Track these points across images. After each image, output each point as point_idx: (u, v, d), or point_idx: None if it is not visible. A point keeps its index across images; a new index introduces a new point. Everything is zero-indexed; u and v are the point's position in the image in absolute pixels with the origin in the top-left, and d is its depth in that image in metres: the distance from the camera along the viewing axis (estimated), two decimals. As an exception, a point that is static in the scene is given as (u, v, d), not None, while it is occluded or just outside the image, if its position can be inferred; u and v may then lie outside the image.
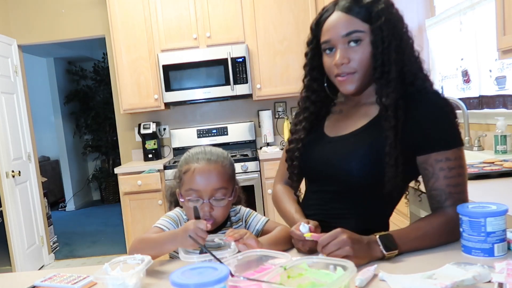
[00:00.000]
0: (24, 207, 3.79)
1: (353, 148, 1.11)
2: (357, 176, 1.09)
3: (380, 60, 1.06)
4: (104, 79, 6.62)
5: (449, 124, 1.06)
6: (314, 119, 1.23)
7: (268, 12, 3.64)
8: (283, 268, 0.86)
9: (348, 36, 1.07)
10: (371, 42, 1.06)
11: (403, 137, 1.06)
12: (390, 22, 1.06)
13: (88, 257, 4.26)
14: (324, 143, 1.19)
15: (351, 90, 1.11)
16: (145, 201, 3.45)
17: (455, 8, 2.70)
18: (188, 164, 1.22)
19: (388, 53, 1.05)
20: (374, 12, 1.06)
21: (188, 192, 1.20)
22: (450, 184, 1.05)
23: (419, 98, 1.07)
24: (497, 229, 0.94)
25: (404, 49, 1.08)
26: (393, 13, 1.09)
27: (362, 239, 0.98)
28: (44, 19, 4.02)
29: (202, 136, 3.97)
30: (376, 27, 1.05)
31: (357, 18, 1.07)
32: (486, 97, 2.49)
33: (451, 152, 1.05)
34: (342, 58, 1.07)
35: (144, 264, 0.99)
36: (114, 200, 6.66)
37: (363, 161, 1.07)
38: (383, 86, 1.07)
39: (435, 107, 1.06)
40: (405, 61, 1.07)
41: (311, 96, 1.22)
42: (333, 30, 1.09)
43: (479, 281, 0.82)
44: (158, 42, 3.67)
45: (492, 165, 1.89)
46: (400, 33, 1.08)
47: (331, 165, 1.14)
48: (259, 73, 3.68)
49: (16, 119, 3.85)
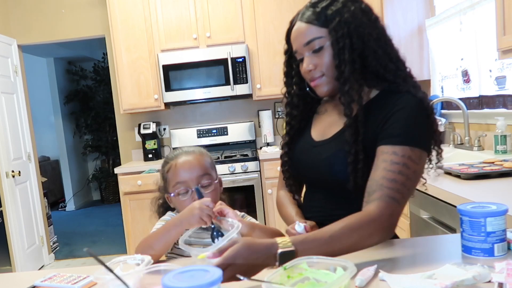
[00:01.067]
0: (24, 207, 3.79)
1: (334, 151, 1.11)
2: (343, 179, 1.08)
3: (337, 60, 1.07)
4: (104, 79, 6.62)
5: (410, 122, 1.01)
6: (299, 123, 1.26)
7: (268, 12, 3.64)
8: (283, 268, 0.86)
9: (309, 44, 1.10)
10: (331, 43, 1.08)
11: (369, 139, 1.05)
12: (346, 22, 1.06)
13: (88, 257, 4.26)
14: (310, 147, 1.20)
15: (324, 92, 1.14)
16: (145, 201, 3.43)
17: (455, 8, 2.70)
18: (169, 163, 1.30)
19: (343, 53, 1.06)
20: (329, 15, 1.07)
21: (176, 186, 1.26)
22: (386, 177, 0.97)
23: (390, 99, 1.06)
24: (497, 229, 0.94)
25: (364, 45, 1.06)
26: (350, 10, 1.07)
27: (257, 258, 0.88)
28: (44, 19, 4.02)
29: (202, 136, 3.97)
30: (331, 30, 1.07)
31: (314, 26, 1.09)
32: (486, 97, 2.49)
33: (401, 148, 0.99)
34: (308, 65, 1.12)
35: (144, 264, 0.99)
36: (114, 200, 6.67)
37: (345, 163, 1.07)
38: (341, 86, 1.08)
39: (402, 106, 1.03)
40: (366, 57, 1.06)
41: (293, 100, 1.25)
42: (296, 41, 1.14)
43: (479, 281, 0.82)
44: (158, 42, 3.67)
45: (492, 165, 1.89)
46: (358, 30, 1.06)
47: (317, 170, 1.16)
48: (259, 73, 3.68)
49: (16, 119, 3.85)
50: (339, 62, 1.07)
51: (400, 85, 1.07)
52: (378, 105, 1.08)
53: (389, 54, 1.08)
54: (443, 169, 1.94)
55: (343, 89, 1.08)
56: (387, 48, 1.09)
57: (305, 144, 1.22)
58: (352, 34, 1.06)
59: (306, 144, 1.22)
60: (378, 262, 0.98)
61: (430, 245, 1.14)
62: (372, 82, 1.10)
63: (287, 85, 1.27)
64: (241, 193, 3.41)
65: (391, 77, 1.08)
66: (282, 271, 0.86)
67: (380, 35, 1.09)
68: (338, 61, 1.07)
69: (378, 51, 1.07)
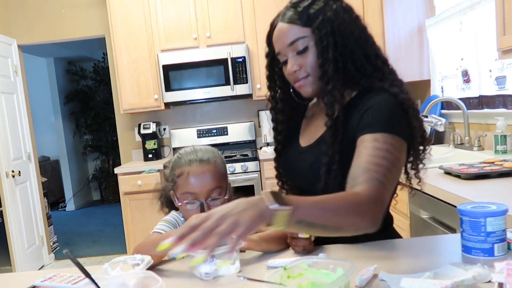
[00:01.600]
0: (24, 207, 3.79)
1: (318, 156, 1.09)
2: (329, 183, 1.06)
3: (321, 59, 1.06)
4: (104, 79, 6.62)
5: (386, 112, 1.01)
6: (287, 129, 1.23)
7: (268, 12, 3.64)
8: (283, 268, 0.86)
9: (293, 45, 1.08)
10: (315, 42, 1.06)
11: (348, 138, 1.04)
12: (329, 20, 1.05)
13: (88, 257, 4.26)
14: (297, 154, 1.19)
15: (310, 93, 1.13)
16: (145, 201, 3.45)
17: (455, 8, 2.70)
18: (181, 168, 1.22)
19: (326, 51, 1.05)
20: (312, 14, 1.06)
21: (184, 195, 1.21)
22: (370, 161, 0.94)
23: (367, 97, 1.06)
24: (497, 229, 0.94)
25: (346, 44, 1.05)
26: (332, 9, 1.06)
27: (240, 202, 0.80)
28: (44, 19, 4.02)
29: (202, 136, 3.97)
30: (314, 29, 1.06)
31: (297, 25, 1.07)
32: (486, 97, 2.49)
33: (381, 135, 0.98)
34: (292, 66, 1.10)
35: (144, 264, 0.99)
36: (114, 200, 6.67)
37: (329, 167, 1.06)
38: (323, 85, 1.07)
39: (376, 100, 1.03)
40: (347, 55, 1.05)
41: (277, 105, 1.22)
42: (279, 42, 1.11)
43: (479, 281, 0.82)
44: (158, 42, 3.67)
45: (492, 165, 1.89)
46: (340, 29, 1.05)
47: (304, 176, 1.15)
48: (259, 73, 3.68)
49: (16, 119, 3.85)
50: (323, 61, 1.06)
51: (375, 84, 1.06)
52: (356, 105, 1.07)
53: (367, 54, 1.08)
54: (443, 168, 1.94)
55: (326, 89, 1.06)
56: (366, 46, 1.08)
57: (293, 151, 1.21)
58: (336, 33, 1.05)
59: (294, 151, 1.20)
60: (378, 262, 0.98)
61: (430, 245, 1.13)
62: (351, 82, 1.09)
63: (270, 89, 1.23)
64: (241, 193, 3.37)
65: (364, 81, 1.07)
66: (283, 271, 0.86)
67: (361, 33, 1.08)
68: (322, 60, 1.06)
69: (356, 52, 1.06)
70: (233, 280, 0.98)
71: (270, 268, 1.03)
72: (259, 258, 1.11)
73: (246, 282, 0.96)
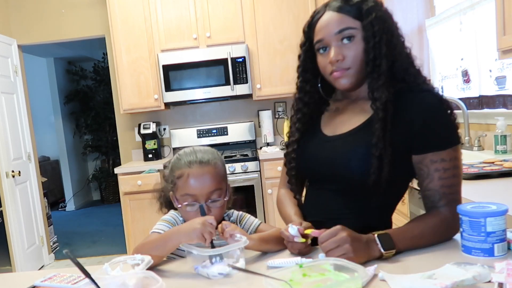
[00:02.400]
0: (24, 207, 3.79)
1: (352, 147, 1.11)
2: (357, 176, 1.08)
3: (372, 54, 1.07)
4: (104, 79, 6.62)
5: (444, 123, 1.07)
6: (308, 120, 1.24)
7: (268, 12, 3.64)
8: (298, 266, 0.85)
9: (341, 33, 1.09)
10: (363, 38, 1.08)
11: (396, 137, 1.06)
12: (381, 18, 1.08)
13: (88, 257, 4.26)
14: (322, 142, 1.19)
15: (347, 85, 1.13)
16: (145, 201, 3.44)
17: (455, 8, 2.70)
18: (180, 169, 1.22)
19: (379, 47, 1.07)
20: (364, 10, 1.08)
21: (184, 197, 1.21)
22: (445, 185, 1.06)
23: (411, 97, 1.08)
24: (497, 229, 0.94)
25: (395, 44, 1.10)
26: (382, 10, 1.11)
27: (361, 238, 0.99)
28: (44, 19, 4.02)
29: (202, 136, 3.97)
30: (367, 23, 1.07)
31: (348, 16, 1.09)
32: (486, 97, 2.49)
33: (446, 152, 1.06)
34: (336, 55, 1.09)
35: (144, 264, 0.99)
36: (114, 200, 6.66)
37: (363, 160, 1.07)
38: (374, 80, 1.08)
39: (429, 106, 1.06)
40: (396, 56, 1.09)
41: (304, 97, 1.22)
42: (326, 29, 1.11)
43: (479, 281, 0.82)
44: (158, 42, 3.67)
45: (492, 165, 1.89)
46: (391, 29, 1.10)
47: (331, 165, 1.14)
48: (259, 73, 3.68)
49: (16, 119, 3.85)
50: (374, 56, 1.07)
51: (420, 85, 1.10)
52: (397, 104, 1.08)
53: (411, 59, 1.12)
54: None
55: (377, 84, 1.08)
56: (409, 53, 1.13)
57: (317, 139, 1.21)
58: (387, 31, 1.08)
59: (318, 139, 1.20)
60: (378, 262, 0.98)
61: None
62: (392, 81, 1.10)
63: (300, 80, 1.23)
64: (241, 193, 3.41)
65: (411, 79, 1.10)
66: (297, 268, 0.85)
67: (404, 40, 1.13)
68: (373, 55, 1.07)
69: (403, 53, 1.10)
70: (233, 279, 0.98)
71: (270, 268, 1.03)
72: (259, 258, 1.11)
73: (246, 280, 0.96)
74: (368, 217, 1.13)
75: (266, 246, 1.13)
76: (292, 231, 1.06)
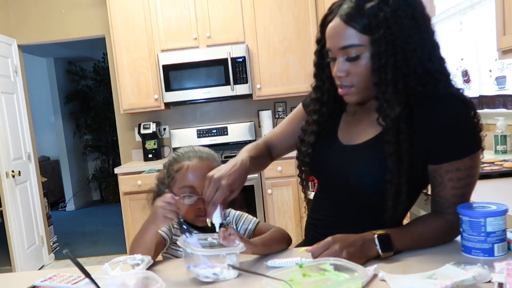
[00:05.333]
0: (24, 207, 3.79)
1: (365, 161, 1.07)
2: (368, 190, 1.06)
3: (377, 78, 0.98)
4: (104, 79, 6.62)
5: (466, 131, 0.99)
6: (326, 120, 1.17)
7: (268, 12, 3.64)
8: (298, 266, 0.85)
9: (345, 50, 1.00)
10: (371, 55, 0.98)
11: (415, 151, 1.01)
12: (392, 34, 0.95)
13: (88, 257, 4.26)
14: (336, 150, 1.14)
15: (352, 102, 1.08)
16: (145, 201, 3.43)
17: (455, 8, 2.70)
18: (180, 163, 1.25)
19: (384, 71, 0.97)
20: (374, 21, 0.96)
21: (182, 189, 1.22)
22: (456, 195, 1.03)
23: (431, 105, 1.00)
24: (497, 229, 0.94)
25: (410, 59, 0.97)
26: (399, 20, 0.96)
27: (356, 242, 0.97)
28: (44, 19, 4.02)
29: (202, 136, 3.97)
30: (374, 41, 0.96)
31: (355, 30, 0.98)
32: (486, 97, 2.49)
33: (462, 162, 1.00)
34: (339, 71, 1.02)
35: (144, 264, 1.00)
36: (114, 200, 6.66)
37: (375, 176, 1.04)
38: (380, 105, 1.00)
39: (449, 113, 0.99)
40: (409, 73, 0.98)
41: (323, 97, 1.15)
42: (331, 40, 1.02)
43: (479, 281, 0.82)
44: (158, 42, 3.67)
45: (492, 165, 1.89)
46: (404, 46, 0.96)
47: (343, 176, 1.11)
48: (259, 73, 3.68)
49: (16, 119, 3.85)
50: (379, 80, 0.98)
51: (440, 90, 1.00)
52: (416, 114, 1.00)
53: (429, 70, 1.00)
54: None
55: (384, 112, 0.99)
56: (429, 63, 1.00)
57: (331, 146, 1.15)
58: (397, 51, 0.96)
59: (332, 147, 1.15)
60: (378, 262, 0.98)
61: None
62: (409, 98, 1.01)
63: (317, 78, 1.14)
64: (241, 193, 3.33)
65: (430, 88, 1.00)
66: (297, 268, 0.85)
67: (425, 47, 0.99)
68: (379, 79, 0.98)
69: (419, 70, 0.98)
70: (233, 279, 0.98)
71: (270, 268, 1.03)
72: (259, 258, 1.11)
73: (246, 281, 0.96)
74: (380, 224, 1.08)
75: (268, 250, 1.12)
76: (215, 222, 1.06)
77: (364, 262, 0.97)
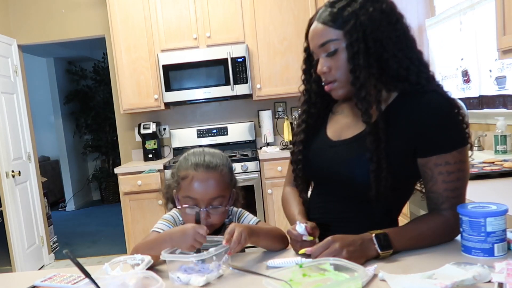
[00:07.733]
0: (24, 207, 3.79)
1: (355, 154, 1.10)
2: (361, 185, 1.07)
3: (352, 65, 1.05)
4: (104, 79, 6.62)
5: (449, 126, 1.04)
6: (315, 120, 1.23)
7: (268, 12, 3.64)
8: (298, 266, 0.86)
9: (323, 46, 1.08)
10: (346, 46, 1.05)
11: (399, 142, 1.05)
12: (361, 25, 1.03)
13: (88, 257, 4.26)
14: (327, 147, 1.17)
15: (339, 97, 1.13)
16: (145, 201, 3.45)
17: (455, 8, 2.70)
18: (186, 171, 1.21)
19: (357, 57, 1.04)
20: (345, 17, 1.04)
21: (186, 199, 1.20)
22: (448, 189, 1.05)
23: (415, 100, 1.05)
24: (497, 229, 0.94)
25: (384, 46, 1.04)
26: (368, 12, 1.04)
27: (355, 241, 0.99)
28: (44, 19, 4.02)
29: (202, 136, 3.97)
30: (346, 33, 1.05)
31: (330, 27, 1.07)
32: (486, 97, 2.49)
33: (451, 155, 1.03)
34: (321, 68, 1.10)
35: (144, 264, 1.00)
36: (114, 200, 6.66)
37: (365, 169, 1.06)
38: (356, 91, 1.06)
39: (434, 109, 1.03)
40: (386, 60, 1.04)
41: (311, 98, 1.22)
42: (312, 42, 1.12)
43: (479, 281, 0.82)
44: (158, 42, 3.67)
45: (492, 165, 1.89)
46: (376, 33, 1.03)
47: (334, 171, 1.13)
48: (259, 73, 3.68)
49: (16, 119, 3.85)
50: (354, 67, 1.05)
51: (424, 86, 1.06)
52: (401, 108, 1.06)
53: (411, 57, 1.06)
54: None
55: (360, 95, 1.05)
56: (408, 51, 1.07)
57: (321, 143, 1.20)
58: (368, 38, 1.03)
59: (322, 143, 1.19)
60: (378, 262, 0.98)
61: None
62: (391, 85, 1.08)
63: (305, 82, 1.23)
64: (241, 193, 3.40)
65: (413, 78, 1.06)
66: (297, 268, 0.85)
67: (401, 37, 1.06)
68: (353, 66, 1.05)
69: (398, 54, 1.05)
70: (233, 280, 0.98)
71: (270, 268, 1.03)
72: (259, 258, 1.11)
73: (246, 281, 0.96)
74: (374, 220, 1.12)
75: (263, 239, 1.13)
76: (300, 229, 1.05)
77: (364, 262, 0.98)
